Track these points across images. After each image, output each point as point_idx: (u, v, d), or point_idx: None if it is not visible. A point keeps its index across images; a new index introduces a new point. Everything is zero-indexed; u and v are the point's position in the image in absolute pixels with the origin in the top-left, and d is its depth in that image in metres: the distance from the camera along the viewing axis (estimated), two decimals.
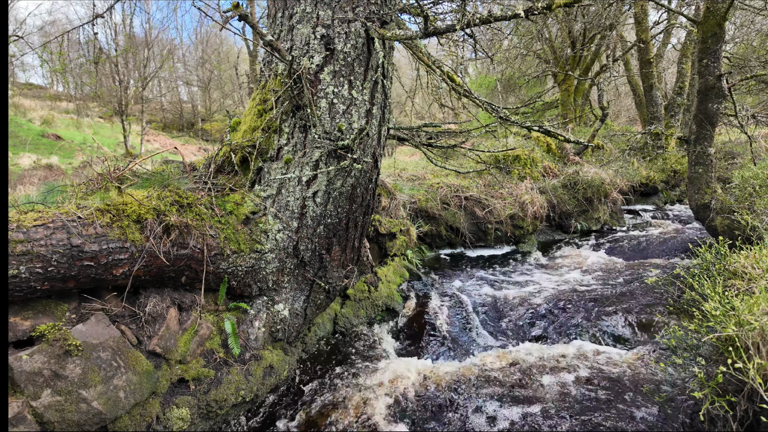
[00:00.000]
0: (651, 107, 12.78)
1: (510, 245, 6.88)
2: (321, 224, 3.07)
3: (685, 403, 2.61)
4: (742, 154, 10.15)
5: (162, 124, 29.36)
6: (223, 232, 2.78)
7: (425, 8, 2.43)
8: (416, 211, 6.34)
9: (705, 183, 5.37)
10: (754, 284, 2.63)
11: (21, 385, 1.98)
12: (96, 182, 2.95)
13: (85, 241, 2.19)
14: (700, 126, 5.28)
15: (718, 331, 2.24)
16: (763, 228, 4.18)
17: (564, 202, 7.68)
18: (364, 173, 3.10)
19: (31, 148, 16.60)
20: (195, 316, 2.75)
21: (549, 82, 18.98)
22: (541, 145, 9.71)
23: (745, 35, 12.01)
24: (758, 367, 2.00)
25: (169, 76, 30.67)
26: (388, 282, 4.59)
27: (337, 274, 3.37)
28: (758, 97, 11.17)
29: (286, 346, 3.23)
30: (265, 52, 3.07)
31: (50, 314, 2.23)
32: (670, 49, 16.85)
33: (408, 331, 4.09)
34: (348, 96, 2.89)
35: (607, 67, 14.51)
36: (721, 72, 5.02)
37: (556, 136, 3.11)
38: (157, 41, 24.12)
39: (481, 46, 3.54)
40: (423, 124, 4.11)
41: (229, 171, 3.22)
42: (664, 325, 3.55)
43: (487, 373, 3.16)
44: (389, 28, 2.93)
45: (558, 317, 4.03)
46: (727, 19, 4.98)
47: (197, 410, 2.57)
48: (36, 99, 25.49)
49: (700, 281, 2.85)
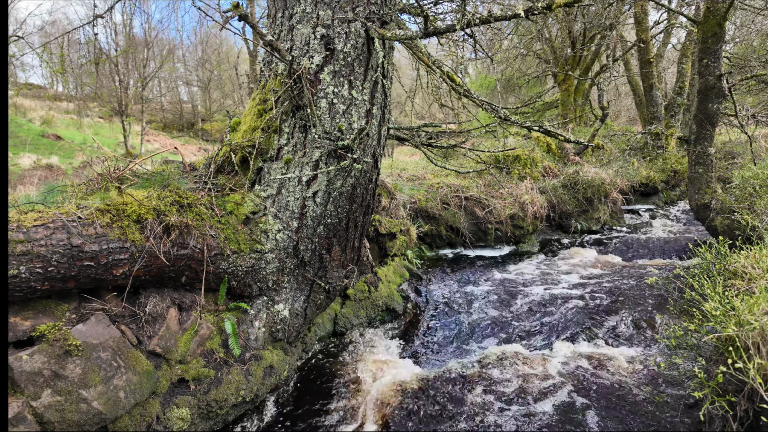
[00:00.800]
0: (651, 107, 12.77)
1: (510, 245, 6.88)
2: (321, 224, 3.07)
3: (686, 403, 2.61)
4: (742, 154, 10.15)
5: (162, 124, 29.36)
6: (223, 232, 2.78)
7: (425, 8, 2.43)
8: (416, 211, 6.34)
9: (705, 183, 5.37)
10: (754, 284, 2.63)
11: (21, 385, 1.98)
12: (96, 182, 2.95)
13: (85, 241, 2.19)
14: (700, 126, 5.28)
15: (719, 331, 2.24)
16: (763, 228, 4.18)
17: (564, 202, 7.68)
18: (364, 173, 3.10)
19: (31, 148, 16.60)
20: (195, 316, 2.75)
21: (549, 82, 18.98)
22: (541, 145, 9.71)
23: (745, 35, 12.01)
24: (758, 367, 2.00)
25: (169, 76, 30.66)
26: (388, 282, 4.59)
27: (337, 274, 3.37)
28: (758, 97, 11.17)
29: (286, 346, 3.23)
30: (265, 52, 3.07)
31: (50, 314, 2.23)
32: (670, 49, 16.85)
33: (408, 331, 4.09)
34: (348, 96, 2.89)
35: (607, 67, 14.52)
36: (721, 72, 5.02)
37: (556, 136, 3.11)
38: (157, 41, 24.13)
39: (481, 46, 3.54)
40: (423, 124, 4.11)
41: (229, 171, 3.22)
42: (664, 325, 3.55)
43: (487, 373, 3.16)
44: (389, 28, 2.93)
45: (558, 317, 4.03)
46: (727, 19, 4.98)
47: (197, 410, 2.57)
48: (36, 99, 25.50)
49: (700, 281, 2.85)
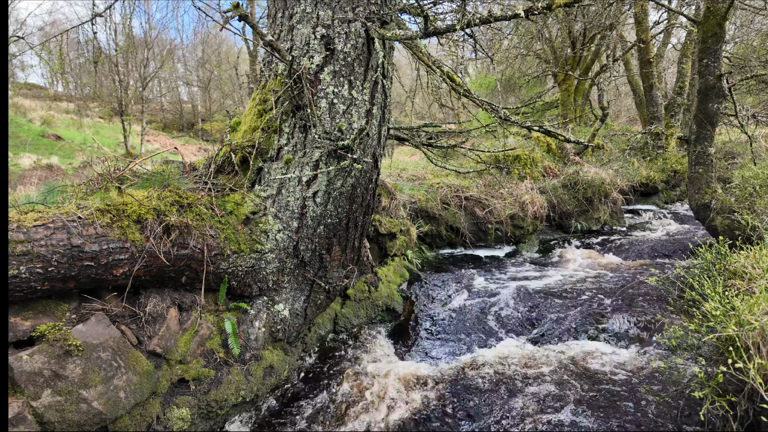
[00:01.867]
0: (651, 107, 12.77)
1: (510, 245, 6.88)
2: (321, 224, 3.07)
3: (686, 403, 2.61)
4: (743, 154, 10.15)
5: (162, 125, 29.37)
6: (223, 232, 2.78)
7: (425, 8, 2.43)
8: (416, 211, 6.34)
9: (705, 183, 5.37)
10: (755, 284, 2.63)
11: (21, 385, 1.98)
12: (96, 182, 2.95)
13: (85, 241, 2.19)
14: (701, 126, 5.28)
15: (719, 331, 2.24)
16: (764, 228, 4.18)
17: (564, 202, 7.68)
18: (364, 173, 3.10)
19: (32, 149, 16.61)
20: (195, 316, 2.75)
21: (549, 82, 18.98)
22: (541, 145, 9.71)
23: (745, 35, 12.02)
24: (758, 367, 2.00)
25: (169, 76, 30.67)
26: (388, 282, 4.59)
27: (337, 274, 3.37)
28: (758, 96, 11.17)
29: (286, 346, 3.23)
30: (265, 52, 3.07)
31: (50, 314, 2.23)
32: (671, 49, 16.86)
33: (408, 330, 4.09)
34: (348, 96, 2.89)
35: (608, 67, 14.52)
36: (721, 72, 5.02)
37: (557, 136, 3.11)
38: (157, 41, 24.12)
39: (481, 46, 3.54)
40: (423, 124, 4.11)
41: (229, 171, 3.22)
42: (665, 325, 3.55)
43: (486, 371, 3.16)
44: (389, 28, 2.93)
45: (558, 317, 4.03)
46: (727, 19, 4.98)
47: (197, 410, 2.57)
48: (36, 99, 25.50)
49: (700, 281, 2.85)
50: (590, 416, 2.66)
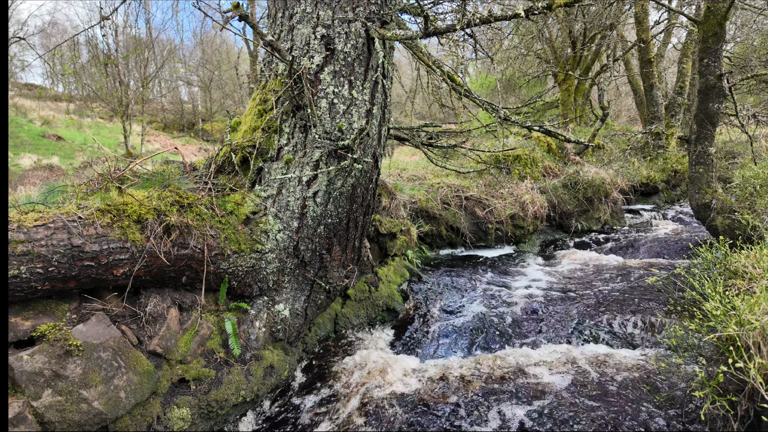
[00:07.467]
0: (651, 107, 12.76)
1: (510, 245, 6.88)
2: (321, 224, 3.07)
3: (686, 403, 2.61)
4: (743, 154, 10.14)
5: (163, 125, 29.38)
6: (223, 232, 2.79)
7: (425, 8, 2.43)
8: (417, 211, 6.34)
9: (706, 183, 5.37)
10: (755, 284, 2.63)
11: (22, 385, 1.98)
12: (96, 182, 2.95)
13: (85, 241, 2.19)
14: (701, 125, 5.28)
15: (719, 330, 2.24)
16: (764, 228, 4.18)
17: (564, 201, 7.67)
18: (364, 173, 3.10)
19: (32, 149, 16.62)
20: (195, 316, 2.75)
21: (549, 82, 18.98)
22: (541, 145, 9.71)
23: (745, 35, 12.00)
24: (759, 367, 2.00)
25: (170, 77, 30.68)
26: (388, 282, 4.59)
27: (338, 274, 3.37)
28: (759, 96, 11.16)
29: (286, 346, 3.23)
30: (265, 53, 3.07)
31: (51, 314, 2.23)
32: (671, 49, 16.85)
33: (408, 331, 4.09)
34: (348, 96, 2.89)
35: (608, 66, 14.50)
36: (721, 71, 5.02)
37: (557, 136, 3.11)
38: (158, 42, 24.14)
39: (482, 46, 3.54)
40: (423, 124, 4.12)
41: (229, 171, 3.22)
42: (665, 325, 3.55)
43: (487, 373, 3.16)
44: (389, 28, 2.93)
45: (558, 317, 4.03)
46: (727, 18, 4.97)
47: (198, 410, 2.57)
48: (36, 99, 25.51)
49: (700, 281, 2.85)
50: (590, 416, 2.66)
